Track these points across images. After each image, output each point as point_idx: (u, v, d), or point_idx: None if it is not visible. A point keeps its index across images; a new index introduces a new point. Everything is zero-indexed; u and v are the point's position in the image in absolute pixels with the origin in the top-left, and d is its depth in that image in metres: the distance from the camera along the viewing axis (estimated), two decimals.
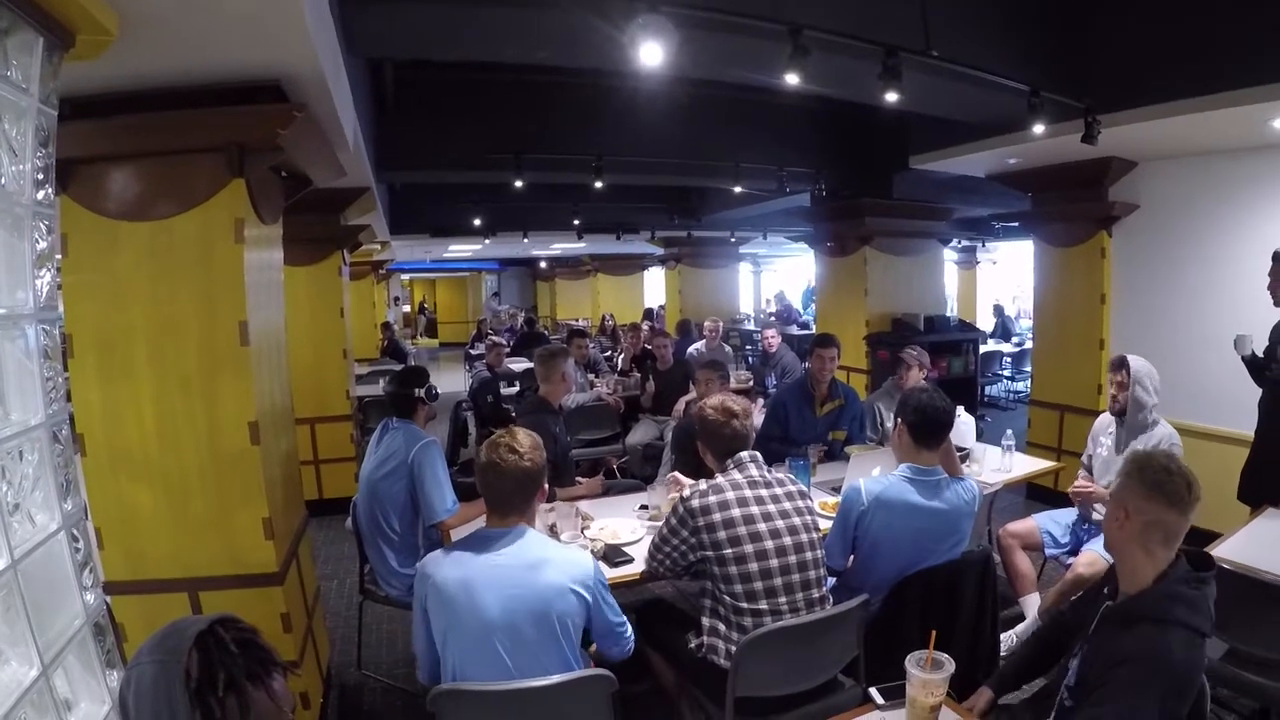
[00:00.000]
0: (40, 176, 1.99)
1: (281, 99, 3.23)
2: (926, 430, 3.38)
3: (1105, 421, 4.65)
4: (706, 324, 10.49)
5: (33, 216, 1.94)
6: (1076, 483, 4.43)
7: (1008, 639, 4.21)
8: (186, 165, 3.19)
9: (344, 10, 3.53)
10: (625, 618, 2.83)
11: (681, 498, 3.11)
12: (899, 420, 3.45)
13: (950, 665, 2.20)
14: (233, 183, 3.22)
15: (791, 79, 3.73)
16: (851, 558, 3.47)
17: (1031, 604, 4.44)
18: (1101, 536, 4.23)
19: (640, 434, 7.77)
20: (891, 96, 4.02)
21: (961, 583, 3.29)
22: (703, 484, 3.11)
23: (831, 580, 3.51)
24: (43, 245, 1.99)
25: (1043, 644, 2.69)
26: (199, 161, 3.19)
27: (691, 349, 10.19)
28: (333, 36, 3.28)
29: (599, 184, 7.40)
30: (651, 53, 3.31)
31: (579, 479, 5.30)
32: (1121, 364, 4.40)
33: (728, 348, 10.76)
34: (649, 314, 19.66)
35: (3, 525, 1.73)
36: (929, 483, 3.35)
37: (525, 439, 2.69)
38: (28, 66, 1.93)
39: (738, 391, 8.91)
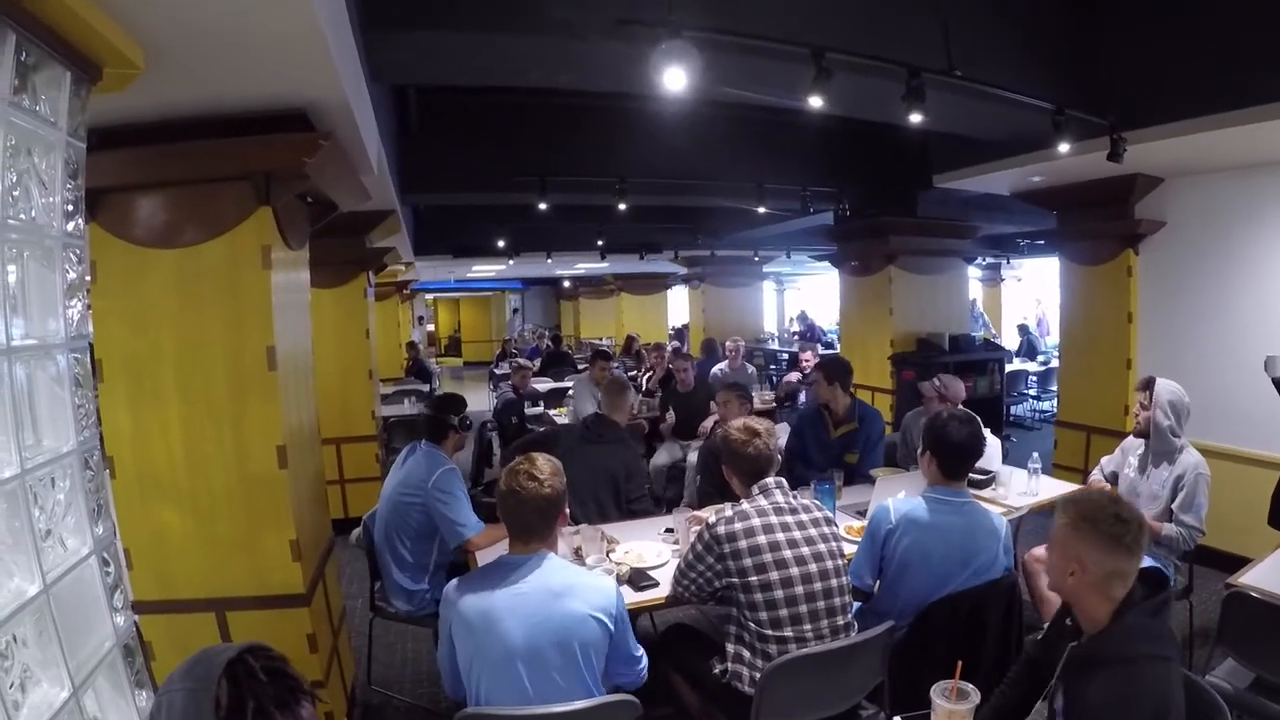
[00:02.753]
0: (70, 208, 2.02)
1: (307, 127, 3.27)
2: (954, 462, 3.37)
3: (1133, 441, 4.60)
4: (728, 344, 10.47)
5: (63, 248, 1.98)
6: None
7: None
8: (213, 193, 3.24)
9: (367, 39, 3.57)
10: (642, 650, 2.83)
11: (708, 524, 3.08)
12: (927, 449, 3.43)
13: (975, 696, 2.18)
14: (260, 210, 3.27)
15: (815, 102, 3.74)
16: (877, 583, 3.44)
17: None
18: None
19: (664, 456, 7.74)
20: (915, 117, 4.02)
21: (987, 609, 3.25)
22: (728, 510, 3.09)
23: (856, 605, 3.50)
24: (73, 275, 2.03)
25: (1020, 687, 2.61)
26: (226, 189, 3.24)
27: (715, 369, 10.17)
28: (357, 65, 3.32)
29: (622, 205, 7.42)
30: (675, 78, 3.32)
31: None
32: (1148, 384, 4.34)
33: (751, 368, 10.72)
34: (679, 334, 19.67)
35: (35, 550, 1.76)
36: (955, 503, 3.33)
37: (545, 465, 2.70)
38: (56, 100, 1.96)
39: (760, 412, 8.92)
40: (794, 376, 9.85)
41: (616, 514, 4.59)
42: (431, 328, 30.21)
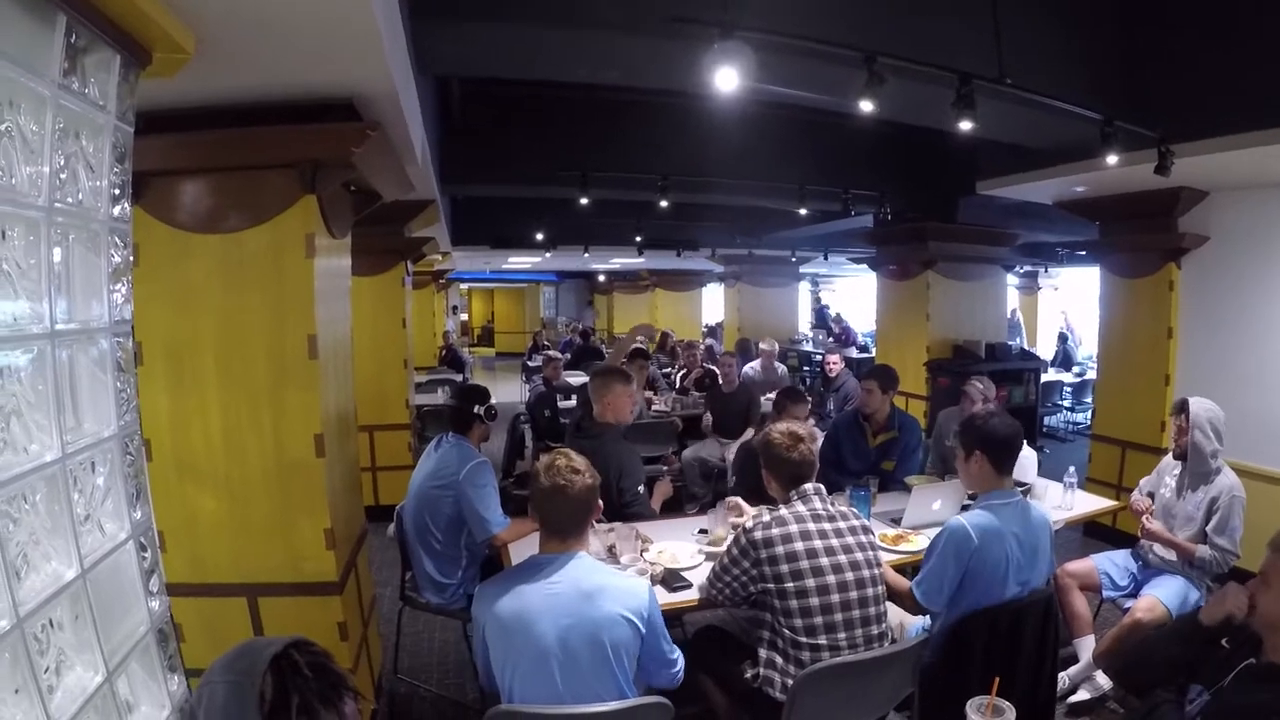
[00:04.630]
0: (116, 192, 2.02)
1: (353, 116, 3.27)
2: (1005, 455, 3.33)
3: (1170, 462, 4.51)
4: (762, 345, 10.41)
5: (109, 232, 1.98)
6: (1152, 522, 4.30)
7: (1060, 679, 4.11)
8: (259, 180, 3.24)
9: (416, 31, 3.57)
10: (678, 651, 2.81)
11: (744, 528, 3.06)
12: (974, 450, 3.37)
13: (1011, 713, 2.15)
14: (304, 198, 3.27)
15: (866, 106, 3.70)
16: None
17: (1086, 646, 4.32)
18: (1160, 579, 4.17)
19: (700, 449, 7.69)
20: (965, 125, 3.97)
21: (1024, 624, 3.20)
22: (765, 515, 3.08)
23: (923, 621, 3.49)
24: (118, 260, 2.03)
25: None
26: (271, 177, 3.24)
27: (747, 368, 10.12)
28: (405, 56, 3.32)
29: (664, 203, 7.40)
30: (727, 78, 3.29)
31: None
32: (1182, 408, 4.26)
33: (782, 368, 10.67)
34: (713, 331, 19.63)
35: (74, 534, 1.75)
36: (1014, 504, 3.31)
37: (579, 459, 2.71)
38: (105, 84, 1.95)
39: None
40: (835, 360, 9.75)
41: (609, 514, 4.27)
42: (465, 317, 30.33)
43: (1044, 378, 11.57)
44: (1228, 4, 4.70)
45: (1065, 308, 17.91)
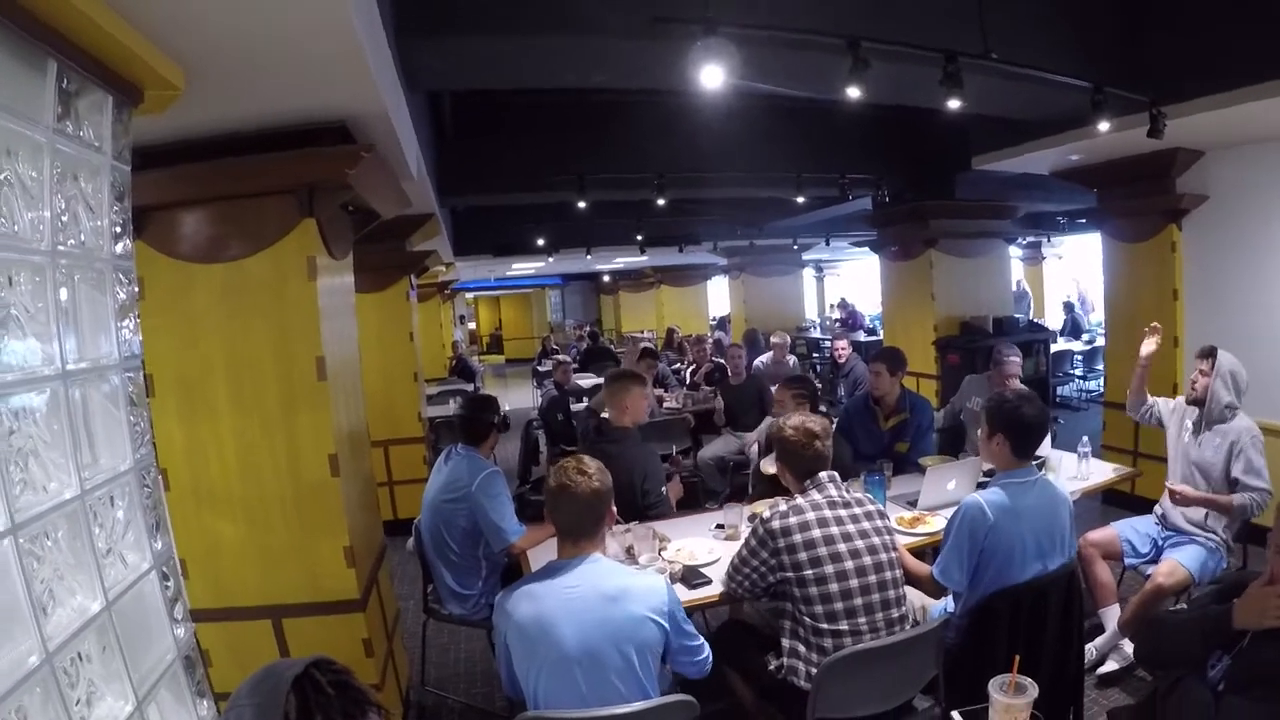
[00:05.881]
0: (118, 230, 2.06)
1: (348, 139, 3.30)
2: (1026, 442, 3.32)
3: (1184, 407, 4.51)
4: (773, 338, 10.39)
5: (113, 270, 2.01)
6: (1178, 486, 4.27)
7: (1087, 651, 4.11)
8: (257, 207, 3.28)
9: (402, 49, 3.60)
10: (701, 638, 2.83)
11: (761, 519, 3.08)
12: (998, 432, 3.36)
13: (1034, 690, 2.15)
14: (303, 222, 3.30)
15: (853, 93, 3.71)
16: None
17: (1111, 615, 4.32)
18: (1180, 543, 4.17)
19: (716, 448, 7.70)
20: (954, 103, 3.99)
21: (1048, 600, 3.20)
22: (782, 505, 3.09)
23: (945, 604, 3.51)
24: (123, 296, 2.06)
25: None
26: (269, 203, 3.28)
27: (757, 361, 10.12)
28: (394, 76, 3.35)
29: (661, 201, 7.42)
30: (712, 75, 3.31)
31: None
32: (1210, 353, 4.27)
33: (793, 360, 10.66)
34: (722, 324, 19.62)
35: (97, 568, 1.79)
36: (1030, 483, 3.29)
37: (591, 463, 2.72)
38: (99, 125, 1.99)
39: None
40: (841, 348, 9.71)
41: (634, 517, 4.28)
42: (473, 326, 30.37)
43: (1054, 347, 11.56)
44: None
45: (1077, 276, 17.89)
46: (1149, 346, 4.64)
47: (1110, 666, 4.24)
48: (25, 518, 1.55)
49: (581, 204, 7.43)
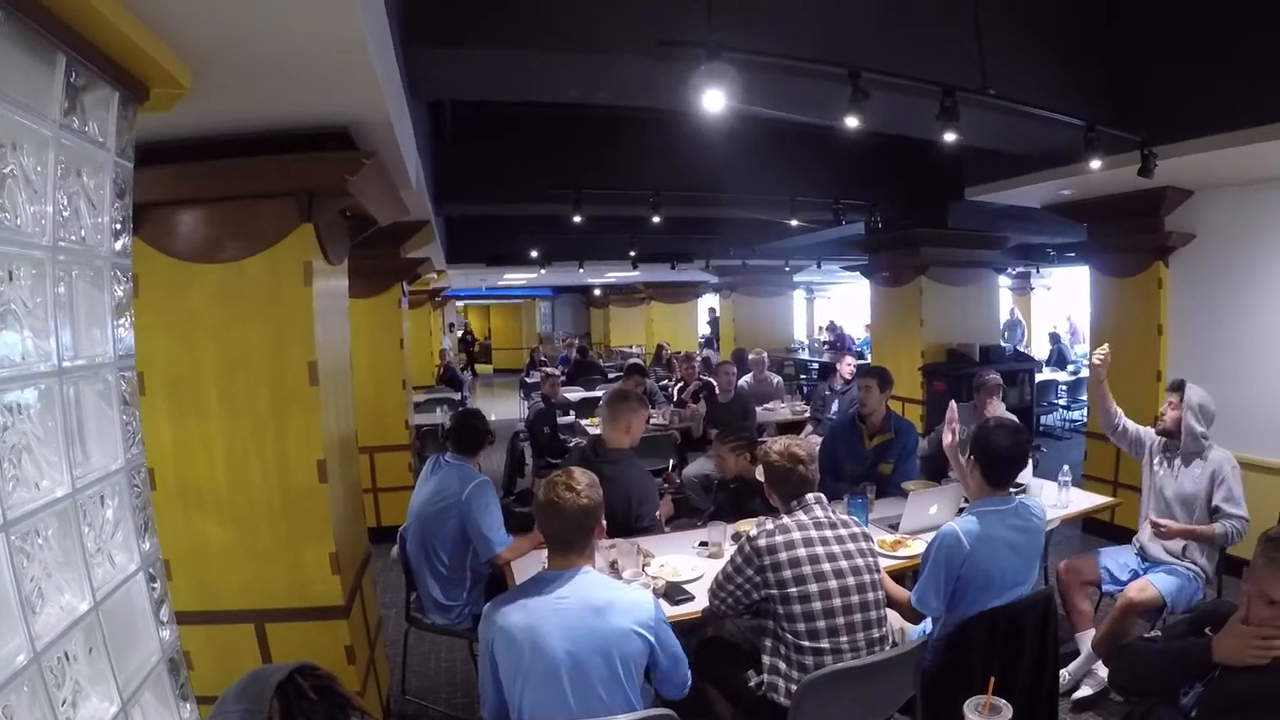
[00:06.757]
0: (118, 227, 2.05)
1: (349, 145, 3.30)
2: (1000, 472, 3.35)
3: (1156, 439, 4.58)
4: (751, 356, 10.40)
5: (111, 267, 2.01)
6: (1163, 521, 4.28)
7: (1063, 676, 4.14)
8: (256, 209, 3.28)
9: (408, 58, 3.61)
10: (684, 655, 2.83)
11: (748, 537, 3.10)
12: (971, 456, 3.41)
13: (1008, 711, 2.18)
14: (301, 226, 3.30)
15: (852, 122, 3.73)
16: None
17: (1087, 641, 4.35)
18: (1159, 572, 4.20)
19: (699, 466, 7.69)
20: (950, 136, 4.01)
21: (1024, 624, 3.23)
22: (769, 523, 3.12)
23: (924, 626, 3.52)
24: (120, 294, 2.06)
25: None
26: (268, 206, 3.28)
27: (740, 381, 10.13)
28: (399, 84, 3.35)
29: (656, 219, 7.44)
30: (714, 99, 3.33)
31: None
32: (1179, 387, 4.36)
33: (776, 378, 10.68)
34: (710, 341, 19.64)
35: (85, 568, 1.78)
36: (1008, 510, 3.32)
37: (582, 478, 2.72)
38: (104, 121, 1.99)
39: (791, 424, 8.89)
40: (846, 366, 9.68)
41: (625, 536, 4.28)
42: (461, 333, 30.30)
43: (1039, 377, 11.63)
44: (1206, 8, 4.77)
45: (1070, 311, 18.02)
46: (1099, 356, 4.71)
47: (1085, 691, 4.28)
48: (17, 514, 1.55)
49: (577, 218, 7.43)
